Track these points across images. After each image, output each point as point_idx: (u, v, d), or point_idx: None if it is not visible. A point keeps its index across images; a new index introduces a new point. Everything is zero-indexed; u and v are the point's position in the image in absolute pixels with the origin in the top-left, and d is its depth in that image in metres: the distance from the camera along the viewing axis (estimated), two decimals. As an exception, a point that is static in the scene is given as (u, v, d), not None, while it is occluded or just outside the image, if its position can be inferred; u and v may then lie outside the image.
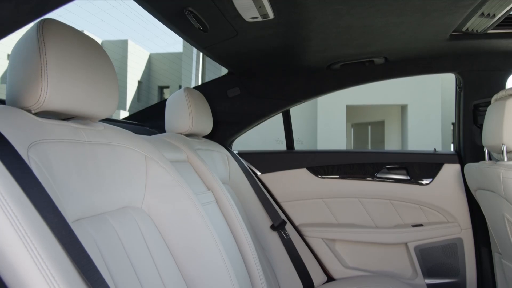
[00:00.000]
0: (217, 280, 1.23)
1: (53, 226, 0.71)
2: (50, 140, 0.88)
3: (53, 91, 0.88)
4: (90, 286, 0.70)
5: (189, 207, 1.25)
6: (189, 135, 1.88)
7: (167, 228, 1.21)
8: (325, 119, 12.79)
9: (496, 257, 2.06)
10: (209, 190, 1.63)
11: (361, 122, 15.02)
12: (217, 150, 2.10)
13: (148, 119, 2.36)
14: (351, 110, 13.43)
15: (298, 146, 2.70)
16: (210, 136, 2.24)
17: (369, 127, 14.90)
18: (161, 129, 2.00)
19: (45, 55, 0.87)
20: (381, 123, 14.56)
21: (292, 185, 2.39)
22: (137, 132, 1.28)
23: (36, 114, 0.91)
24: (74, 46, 0.94)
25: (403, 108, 13.46)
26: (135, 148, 1.18)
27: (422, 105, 12.63)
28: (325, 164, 2.39)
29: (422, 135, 12.43)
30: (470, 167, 1.99)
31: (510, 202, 1.67)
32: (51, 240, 0.70)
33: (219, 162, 2.04)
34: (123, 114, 15.13)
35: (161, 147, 1.47)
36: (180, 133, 1.82)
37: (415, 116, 12.70)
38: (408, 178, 2.33)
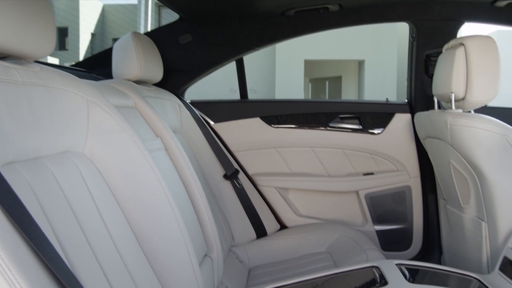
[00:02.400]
0: (165, 227, 1.21)
1: None
2: None
3: None
4: (16, 226, 0.66)
5: (135, 153, 1.21)
6: (138, 82, 1.80)
7: (111, 174, 1.17)
8: (283, 74, 12.76)
9: (441, 203, 2.14)
10: (157, 137, 1.58)
11: (319, 77, 15.08)
12: (168, 99, 2.04)
13: (96, 66, 2.26)
14: (309, 65, 13.44)
15: (252, 95, 2.67)
16: (161, 85, 2.17)
17: (327, 82, 15.00)
18: (109, 77, 1.91)
19: None
20: (339, 78, 14.68)
21: (245, 135, 2.38)
22: (82, 78, 1.22)
23: None
24: None
25: (360, 64, 13.58)
26: (75, 91, 1.11)
27: (379, 61, 12.78)
28: (278, 113, 2.37)
29: (378, 90, 12.64)
30: (420, 115, 2.02)
31: (456, 149, 1.71)
32: None
33: (170, 111, 1.99)
34: (76, 67, 14.57)
35: (106, 92, 1.40)
36: (128, 80, 1.75)
37: (371, 71, 12.85)
38: (361, 127, 2.35)
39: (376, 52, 12.72)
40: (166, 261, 1.21)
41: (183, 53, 2.29)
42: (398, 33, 12.64)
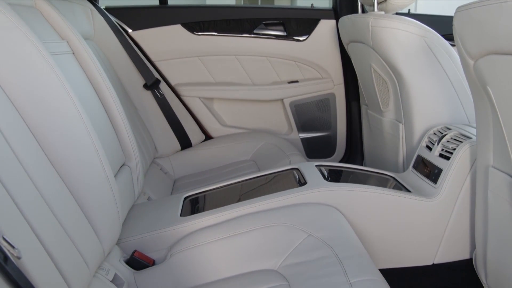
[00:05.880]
0: (71, 133, 1.13)
1: None
2: None
3: None
4: None
5: (31, 53, 1.09)
6: None
7: (5, 75, 1.05)
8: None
9: (363, 109, 2.17)
10: (63, 40, 1.45)
11: (251, -8, 14.64)
12: (78, 2, 1.87)
13: None
14: (240, -22, 12.95)
15: (172, 1, 2.49)
16: None
17: (259, -3, 14.61)
18: None
19: None
20: (271, -6, 14.33)
21: (166, 43, 2.25)
22: None
23: None
24: None
25: (293, -22, 13.25)
26: None
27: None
28: (200, 19, 2.26)
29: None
30: (343, 20, 1.99)
31: (376, 52, 1.70)
32: None
33: (80, 15, 1.83)
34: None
35: None
36: None
37: (304, -15, 12.62)
38: (285, 34, 2.29)
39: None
40: (75, 168, 1.13)
41: None
42: None
